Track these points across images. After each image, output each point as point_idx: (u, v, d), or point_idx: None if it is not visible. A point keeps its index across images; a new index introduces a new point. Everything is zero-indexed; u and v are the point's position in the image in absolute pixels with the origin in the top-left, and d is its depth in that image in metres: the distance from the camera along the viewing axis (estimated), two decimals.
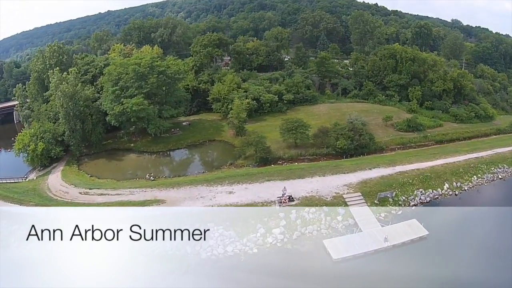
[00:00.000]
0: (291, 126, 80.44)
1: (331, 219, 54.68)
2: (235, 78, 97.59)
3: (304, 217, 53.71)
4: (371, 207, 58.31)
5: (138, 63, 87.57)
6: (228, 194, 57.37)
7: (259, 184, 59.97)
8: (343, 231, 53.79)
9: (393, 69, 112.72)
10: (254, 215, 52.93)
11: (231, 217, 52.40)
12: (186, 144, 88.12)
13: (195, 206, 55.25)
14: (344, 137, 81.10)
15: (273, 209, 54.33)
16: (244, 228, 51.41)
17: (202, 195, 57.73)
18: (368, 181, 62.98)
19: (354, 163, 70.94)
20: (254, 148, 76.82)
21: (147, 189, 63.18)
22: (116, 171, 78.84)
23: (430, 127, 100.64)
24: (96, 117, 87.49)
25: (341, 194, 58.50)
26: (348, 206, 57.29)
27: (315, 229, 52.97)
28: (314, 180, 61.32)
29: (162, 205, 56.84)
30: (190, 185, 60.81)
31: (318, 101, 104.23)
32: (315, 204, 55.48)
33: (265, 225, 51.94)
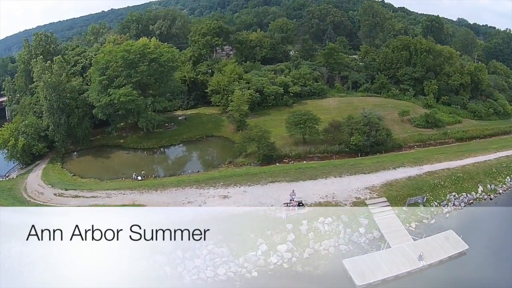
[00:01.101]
0: (298, 120, 66.37)
1: (351, 231, 40.60)
2: (236, 68, 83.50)
3: (318, 229, 39.80)
4: (400, 215, 44.12)
5: (127, 49, 73.89)
6: (222, 199, 43.42)
7: (260, 187, 46.00)
8: (367, 247, 39.98)
9: (406, 62, 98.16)
10: (254, 226, 38.93)
11: (224, 229, 38.48)
12: (181, 140, 74.31)
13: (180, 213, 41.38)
14: (359, 132, 66.83)
15: (279, 218, 40.29)
16: (241, 244, 37.58)
17: (190, 199, 43.88)
18: (393, 183, 48.74)
19: (375, 161, 56.71)
20: (256, 144, 62.82)
21: (126, 191, 49.63)
22: (101, 170, 65.99)
23: (449, 124, 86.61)
24: (82, 110, 73.85)
25: (362, 200, 44.35)
26: (372, 214, 43.10)
27: (332, 244, 39.07)
28: (329, 182, 47.20)
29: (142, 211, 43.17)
30: (176, 187, 46.96)
31: (327, 95, 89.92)
32: (332, 213, 41.44)
33: (267, 240, 38.04)
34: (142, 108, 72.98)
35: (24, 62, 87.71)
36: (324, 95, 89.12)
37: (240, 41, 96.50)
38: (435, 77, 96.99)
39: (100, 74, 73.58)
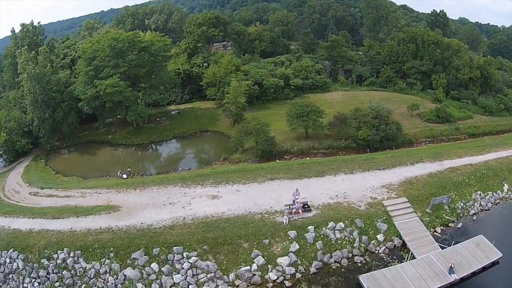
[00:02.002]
0: (301, 112, 57.57)
1: (368, 239, 31.73)
2: (233, 59, 74.72)
3: (328, 237, 30.86)
4: (423, 219, 35.30)
5: (116, 38, 65.55)
6: (211, 200, 34.52)
7: (257, 185, 37.14)
8: (387, 258, 31.14)
9: (413, 55, 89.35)
10: (248, 234, 30.04)
11: (212, 237, 29.76)
12: (173, 136, 65.79)
13: (158, 217, 32.59)
14: (368, 126, 57.96)
15: (279, 224, 31.41)
16: (232, 256, 28.86)
17: (173, 200, 35.06)
18: (413, 180, 39.77)
19: (390, 155, 47.78)
20: (254, 139, 54.03)
21: (103, 190, 41.11)
22: (86, 167, 57.93)
23: (460, 119, 77.53)
24: (68, 104, 65.87)
25: (379, 200, 35.38)
26: (392, 217, 34.23)
27: (345, 256, 30.17)
28: (338, 179, 38.21)
29: (113, 213, 34.47)
30: (158, 186, 38.15)
31: (330, 89, 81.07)
32: (344, 216, 32.49)
33: (265, 250, 29.17)
34: (131, 101, 64.79)
35: (11, 55, 79.55)
36: (327, 88, 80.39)
37: (238, 32, 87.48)
38: (443, 71, 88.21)
39: (86, 64, 65.87)
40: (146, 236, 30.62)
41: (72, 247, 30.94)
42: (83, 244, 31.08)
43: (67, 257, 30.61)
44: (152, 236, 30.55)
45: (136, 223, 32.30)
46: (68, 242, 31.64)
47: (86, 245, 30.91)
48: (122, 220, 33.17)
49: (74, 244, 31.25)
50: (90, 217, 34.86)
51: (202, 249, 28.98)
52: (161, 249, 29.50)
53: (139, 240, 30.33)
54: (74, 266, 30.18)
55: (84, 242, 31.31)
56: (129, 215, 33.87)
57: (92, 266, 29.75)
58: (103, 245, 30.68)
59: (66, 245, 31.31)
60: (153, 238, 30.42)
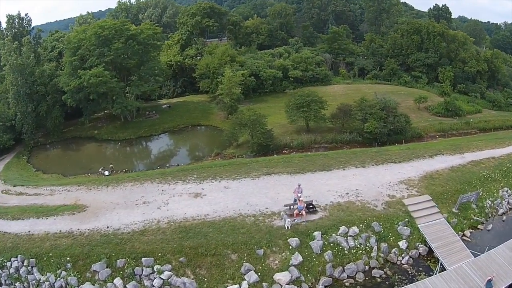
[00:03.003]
0: (301, 102, 50.47)
1: (388, 247, 24.51)
2: (228, 49, 67.51)
3: (339, 246, 23.54)
4: (449, 220, 28.09)
5: (102, 26, 58.79)
6: (192, 199, 27.23)
7: (250, 181, 29.85)
8: (412, 270, 24.00)
9: (418, 47, 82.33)
10: (238, 242, 22.73)
11: (191, 246, 22.55)
12: (163, 130, 58.54)
13: (128, 219, 25.43)
14: (375, 117, 50.94)
15: (277, 229, 24.01)
16: (216, 271, 21.63)
17: (148, 199, 27.82)
18: (434, 175, 32.54)
19: (405, 147, 40.54)
20: (249, 131, 46.90)
21: (73, 187, 33.87)
22: (68, 164, 51.13)
23: (469, 113, 70.57)
24: (52, 97, 59.05)
25: (399, 199, 28.13)
26: (415, 219, 27.03)
27: (360, 269, 22.95)
28: (348, 174, 30.97)
29: (77, 214, 27.36)
30: (133, 182, 30.88)
31: (332, 82, 73.87)
32: (358, 219, 25.21)
33: (259, 263, 21.87)
34: (117, 92, 57.67)
35: None
36: (328, 81, 73.17)
37: (234, 23, 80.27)
38: (449, 64, 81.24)
39: (71, 54, 59.14)
40: (111, 243, 23.56)
41: (27, 254, 24.26)
42: (38, 251, 24.28)
43: (20, 266, 24.09)
44: (118, 244, 23.48)
45: (101, 227, 25.23)
46: (23, 248, 24.84)
47: (41, 252, 24.11)
48: (85, 223, 26.11)
49: (30, 251, 24.47)
50: (51, 218, 27.83)
51: (178, 261, 21.89)
52: (126, 260, 22.47)
53: (102, 248, 23.29)
54: (27, 277, 23.53)
55: (40, 248, 24.47)
56: (95, 216, 26.76)
57: (46, 279, 22.98)
58: (60, 253, 23.79)
59: (21, 251, 24.56)
60: (119, 246, 23.34)
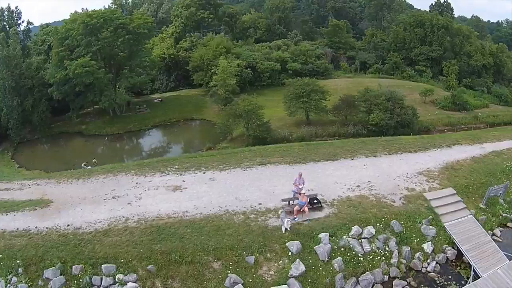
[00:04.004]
0: (301, 91, 45.20)
1: (411, 251, 19.11)
2: (223, 41, 62.35)
3: (352, 251, 18.06)
4: (478, 217, 22.74)
5: (90, 15, 54.00)
6: (170, 193, 21.74)
7: (241, 172, 24.35)
8: (441, 280, 18.64)
9: (421, 40, 77.17)
10: (222, 246, 17.27)
11: (162, 250, 17.18)
12: (153, 124, 53.42)
13: (92, 216, 20.17)
14: (380, 108, 45.72)
15: (273, 230, 18.52)
16: (193, 284, 16.23)
17: (118, 192, 22.42)
18: (456, 165, 27.12)
19: (419, 136, 35.44)
20: (244, 123, 41.68)
21: (43, 181, 28.43)
22: (53, 160, 46.78)
23: (476, 107, 65.44)
24: (38, 90, 54.37)
25: (419, 192, 22.75)
26: (439, 216, 21.68)
27: (379, 280, 17.50)
28: (358, 164, 25.49)
29: (39, 210, 22.05)
30: (106, 174, 25.46)
31: (333, 75, 68.66)
32: (373, 217, 19.78)
33: (248, 274, 16.40)
34: (104, 84, 52.74)
35: None
36: (329, 75, 67.91)
37: (231, 15, 75.09)
38: (454, 58, 76.18)
39: (58, 45, 54.77)
40: (68, 245, 18.33)
41: None
42: None
43: None
44: (76, 246, 18.23)
45: (61, 225, 19.96)
46: None
47: None
48: (45, 220, 20.85)
49: None
50: (11, 214, 22.41)
51: (145, 269, 16.60)
52: (83, 266, 17.22)
53: (57, 251, 18.07)
54: None
55: None
56: (57, 212, 21.45)
57: None
58: (13, 255, 18.53)
59: None
60: (77, 248, 18.09)
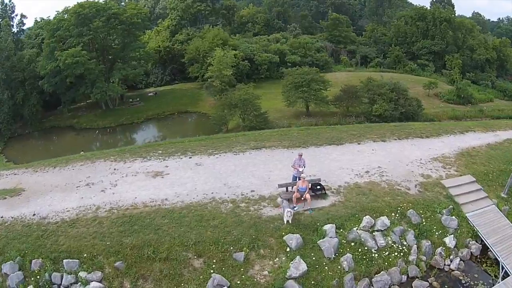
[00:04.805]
0: (300, 81, 42.01)
1: (431, 245, 15.78)
2: (220, 32, 59.14)
3: (363, 245, 14.69)
4: (501, 207, 19.34)
5: (82, 4, 51.26)
6: (150, 179, 18.39)
7: (232, 157, 20.81)
8: (466, 279, 15.34)
9: (423, 34, 74.07)
10: (205, 240, 13.93)
11: (133, 244, 13.88)
12: (146, 117, 50.35)
13: (61, 205, 16.96)
14: (384, 99, 42.58)
15: (267, 221, 15.14)
16: (170, 285, 12.84)
17: (94, 179, 19.12)
18: (472, 152, 23.74)
19: (429, 123, 32.34)
20: (240, 113, 38.49)
21: (21, 170, 25.25)
22: (42, 154, 43.77)
23: (481, 101, 62.35)
24: (30, 83, 51.61)
25: (435, 179, 19.42)
26: (460, 206, 18.37)
27: (396, 281, 14.15)
28: (366, 149, 21.97)
29: (9, 198, 18.87)
30: (84, 161, 22.13)
31: (333, 69, 65.44)
32: (387, 206, 16.41)
33: (236, 275, 13.08)
34: (95, 75, 49.75)
35: None
36: (329, 68, 64.58)
37: (228, 7, 71.81)
38: (457, 51, 73.03)
39: (49, 36, 52.43)
40: (30, 237, 15.27)
41: None
42: None
43: None
44: (38, 237, 15.15)
45: (27, 214, 16.84)
46: None
47: None
48: (13, 209, 17.75)
49: None
50: None
51: (113, 267, 13.36)
52: (43, 261, 14.11)
53: (18, 243, 15.08)
54: None
55: None
56: (26, 201, 18.30)
57: None
58: None
59: None
60: (39, 240, 15.01)
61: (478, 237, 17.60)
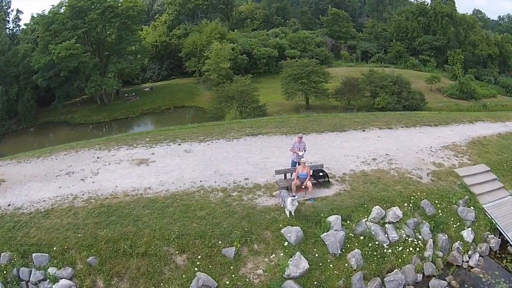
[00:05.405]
0: (300, 72, 40.05)
1: (448, 239, 13.76)
2: (218, 27, 57.16)
3: (373, 239, 12.62)
4: None
5: None
6: (134, 167, 16.43)
7: (224, 143, 18.74)
8: (487, 277, 13.14)
9: (425, 29, 72.12)
10: (190, 233, 11.92)
11: (108, 237, 11.91)
12: (142, 112, 48.56)
13: (38, 194, 15.05)
14: (387, 91, 40.70)
15: (262, 210, 13.11)
16: (148, 285, 10.81)
17: (75, 168, 17.16)
18: (483, 141, 21.76)
19: (436, 112, 30.22)
20: (237, 105, 36.53)
21: (5, 162, 23.12)
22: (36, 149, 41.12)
23: (484, 96, 60.47)
24: (24, 78, 50.20)
25: (448, 168, 17.45)
26: (475, 196, 16.38)
27: (410, 280, 12.13)
28: (371, 136, 19.88)
29: None
30: (68, 151, 20.18)
31: (333, 64, 63.44)
32: (398, 195, 14.40)
33: (226, 273, 11.07)
34: (90, 69, 47.98)
35: None
36: (330, 63, 62.47)
37: (226, 2, 69.79)
38: (459, 47, 71.13)
39: (44, 30, 50.64)
40: (2, 228, 13.52)
41: None
42: None
43: None
44: (10, 229, 13.35)
45: (2, 205, 15.03)
46: None
47: None
48: None
49: None
50: None
51: (85, 262, 11.41)
52: (12, 255, 12.26)
53: None
54: None
55: None
56: (4, 191, 16.34)
57: None
58: None
59: None
60: (10, 232, 13.19)
61: (496, 230, 15.71)
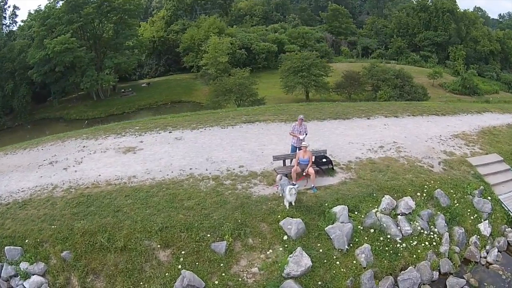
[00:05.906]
0: (300, 65, 38.63)
1: (465, 233, 12.24)
2: (216, 21, 55.70)
3: (383, 232, 11.08)
4: None
5: None
6: (120, 155, 14.90)
7: (218, 130, 17.09)
8: (507, 275, 11.36)
9: (426, 25, 70.79)
10: (176, 224, 10.40)
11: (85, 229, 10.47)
12: (138, 107, 47.27)
13: (18, 184, 13.65)
14: (389, 84, 39.32)
15: (258, 200, 11.57)
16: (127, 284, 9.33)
17: (59, 158, 15.66)
18: (493, 131, 20.13)
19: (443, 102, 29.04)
20: (235, 98, 35.10)
21: None
22: None
23: (486, 92, 59.21)
24: (19, 73, 48.99)
25: (460, 157, 15.95)
26: (491, 187, 14.87)
27: (426, 278, 10.58)
28: (377, 124, 18.24)
29: None
30: (55, 141, 18.56)
31: (333, 60, 62.04)
32: (410, 184, 12.86)
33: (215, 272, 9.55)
34: (85, 64, 46.71)
35: None
36: (330, 59, 61.08)
37: None
38: (460, 43, 69.78)
39: (39, 25, 49.48)
40: None
41: None
42: None
43: None
44: None
45: None
46: None
47: None
48: None
49: None
50: None
51: (59, 257, 9.97)
52: None
53: None
54: None
55: None
56: None
57: None
58: None
59: None
60: None
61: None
